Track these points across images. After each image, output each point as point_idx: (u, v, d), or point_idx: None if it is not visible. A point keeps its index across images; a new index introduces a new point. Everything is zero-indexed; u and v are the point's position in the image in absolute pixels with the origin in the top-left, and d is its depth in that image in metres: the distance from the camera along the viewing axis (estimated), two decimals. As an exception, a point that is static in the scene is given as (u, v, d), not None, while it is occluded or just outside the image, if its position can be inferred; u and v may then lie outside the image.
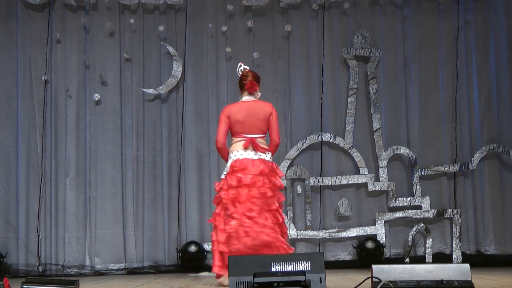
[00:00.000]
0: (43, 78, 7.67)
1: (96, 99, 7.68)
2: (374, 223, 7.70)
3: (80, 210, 7.61)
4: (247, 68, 5.56)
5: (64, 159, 7.63)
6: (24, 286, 3.85)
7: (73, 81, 7.74)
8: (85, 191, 7.62)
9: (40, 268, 7.44)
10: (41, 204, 7.56)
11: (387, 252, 7.66)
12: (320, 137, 7.79)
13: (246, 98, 5.46)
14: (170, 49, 7.76)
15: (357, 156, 7.78)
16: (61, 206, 7.58)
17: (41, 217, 7.54)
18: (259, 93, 5.51)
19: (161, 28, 7.77)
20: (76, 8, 7.79)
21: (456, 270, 3.81)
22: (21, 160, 7.59)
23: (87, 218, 7.58)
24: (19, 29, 7.74)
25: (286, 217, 7.61)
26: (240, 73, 5.52)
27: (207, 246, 7.35)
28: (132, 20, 7.77)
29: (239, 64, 5.59)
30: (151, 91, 7.76)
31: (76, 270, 7.53)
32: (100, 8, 7.82)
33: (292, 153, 7.74)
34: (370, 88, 7.87)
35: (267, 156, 5.39)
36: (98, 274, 7.51)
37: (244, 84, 5.45)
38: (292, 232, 7.58)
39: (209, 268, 6.87)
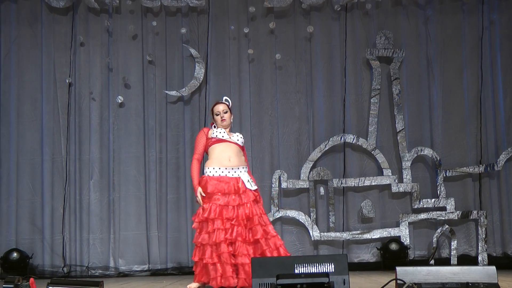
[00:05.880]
0: (67, 81, 7.74)
1: (120, 101, 7.73)
2: (398, 225, 7.65)
3: (104, 212, 7.66)
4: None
5: (88, 161, 7.69)
6: (49, 287, 3.88)
7: (96, 84, 7.80)
8: (108, 193, 7.67)
9: (65, 269, 7.50)
10: (65, 206, 7.62)
11: (411, 254, 7.60)
12: (343, 138, 7.77)
13: None
14: (193, 51, 7.78)
15: (380, 158, 7.74)
16: (85, 208, 7.64)
17: (66, 218, 7.61)
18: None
19: (183, 30, 7.80)
20: (99, 11, 7.85)
21: (482, 272, 3.78)
22: (46, 162, 7.66)
23: (111, 220, 7.63)
24: (44, 33, 7.82)
25: (309, 219, 7.60)
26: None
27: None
28: (154, 23, 7.81)
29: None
30: (173, 93, 7.79)
31: (100, 271, 7.58)
32: (123, 11, 7.88)
33: (315, 154, 7.72)
34: (393, 89, 7.83)
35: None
36: (122, 275, 7.55)
37: None
38: (315, 234, 7.56)
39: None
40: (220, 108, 5.51)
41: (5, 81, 7.77)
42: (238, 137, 5.48)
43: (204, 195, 5.27)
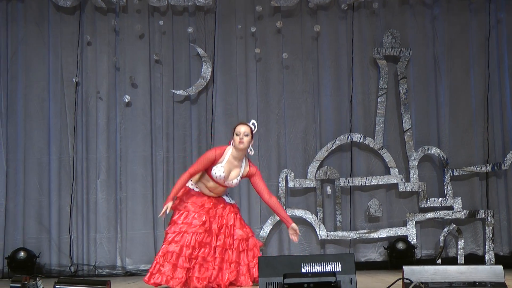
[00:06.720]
0: (74, 80, 7.75)
1: (126, 100, 7.74)
2: (405, 224, 7.64)
3: (111, 211, 7.67)
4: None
5: (95, 160, 7.70)
6: (56, 286, 3.90)
7: (103, 83, 7.82)
8: (115, 192, 7.69)
9: (72, 269, 7.52)
10: (72, 205, 7.64)
11: (418, 253, 7.59)
12: (349, 137, 7.76)
13: None
14: (200, 50, 7.79)
15: (387, 157, 7.73)
16: (92, 207, 7.65)
17: (73, 218, 7.63)
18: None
19: (190, 29, 7.81)
20: (106, 10, 7.86)
21: (489, 271, 3.77)
22: (53, 161, 7.68)
23: (118, 219, 7.65)
24: (51, 32, 7.84)
25: (316, 218, 7.61)
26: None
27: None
28: (161, 22, 7.82)
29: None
30: (180, 92, 7.80)
31: (107, 270, 7.59)
32: (130, 10, 7.89)
33: (322, 153, 7.72)
34: (400, 88, 7.81)
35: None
36: (129, 274, 7.56)
37: None
38: (322, 233, 7.56)
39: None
40: (242, 129, 5.37)
41: (12, 80, 7.79)
42: (233, 181, 5.45)
43: (168, 212, 5.35)
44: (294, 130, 7.83)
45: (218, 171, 5.35)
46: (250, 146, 5.45)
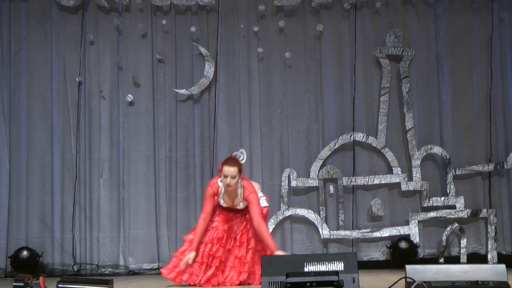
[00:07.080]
0: (77, 80, 7.76)
1: (129, 100, 7.75)
2: (407, 223, 7.64)
3: (114, 210, 7.68)
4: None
5: (98, 159, 7.71)
6: (59, 285, 3.89)
7: (106, 82, 7.83)
8: (118, 191, 7.69)
9: (75, 268, 7.53)
10: (75, 204, 7.65)
11: (421, 252, 7.59)
12: (352, 136, 7.76)
13: None
14: (202, 49, 7.79)
15: (390, 156, 7.73)
16: (95, 206, 7.66)
17: (76, 217, 7.64)
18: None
19: (193, 29, 7.81)
20: (109, 10, 7.87)
21: (491, 270, 3.76)
22: (56, 160, 7.69)
23: (120, 218, 7.66)
24: (54, 31, 7.85)
25: (319, 217, 7.61)
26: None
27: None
28: (164, 21, 7.82)
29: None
30: (183, 91, 7.80)
31: (110, 269, 7.60)
32: (132, 9, 7.89)
33: (325, 153, 7.72)
34: (403, 87, 7.81)
35: None
36: (132, 273, 7.57)
37: None
38: (325, 232, 7.56)
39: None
40: (230, 172, 5.22)
41: (15, 79, 7.80)
42: (237, 207, 5.51)
43: (190, 262, 5.38)
44: (296, 129, 7.83)
45: (220, 201, 5.47)
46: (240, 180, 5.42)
